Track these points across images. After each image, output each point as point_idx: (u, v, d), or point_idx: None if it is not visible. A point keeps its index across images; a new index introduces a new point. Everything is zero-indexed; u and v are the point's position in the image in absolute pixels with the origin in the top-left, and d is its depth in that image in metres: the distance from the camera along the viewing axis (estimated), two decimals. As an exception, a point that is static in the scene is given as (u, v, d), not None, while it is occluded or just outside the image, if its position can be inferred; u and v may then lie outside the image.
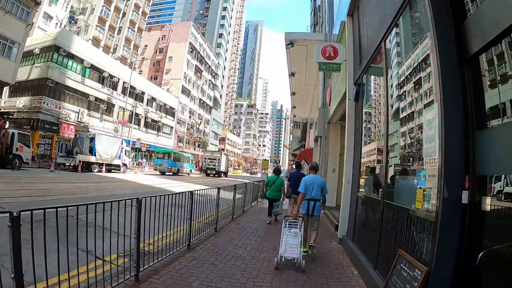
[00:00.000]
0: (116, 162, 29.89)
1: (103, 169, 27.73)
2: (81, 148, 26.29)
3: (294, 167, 12.65)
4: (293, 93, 22.41)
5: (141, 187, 17.92)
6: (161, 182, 22.84)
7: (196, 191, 6.53)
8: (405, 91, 4.46)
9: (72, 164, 25.50)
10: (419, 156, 3.83)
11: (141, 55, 65.87)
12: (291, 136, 57.33)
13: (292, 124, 49.58)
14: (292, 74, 17.84)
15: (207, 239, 7.01)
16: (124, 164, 31.59)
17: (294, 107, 27.17)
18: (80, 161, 25.22)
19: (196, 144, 70.86)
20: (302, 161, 22.68)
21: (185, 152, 51.43)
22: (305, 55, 14.11)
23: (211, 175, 43.55)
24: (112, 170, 30.14)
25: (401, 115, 4.62)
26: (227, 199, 9.58)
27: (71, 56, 35.52)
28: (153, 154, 52.04)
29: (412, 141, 4.20)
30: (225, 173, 49.17)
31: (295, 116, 34.43)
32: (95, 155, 26.90)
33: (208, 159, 45.29)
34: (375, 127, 6.44)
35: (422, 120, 3.76)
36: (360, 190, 6.55)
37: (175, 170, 38.90)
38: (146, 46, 66.73)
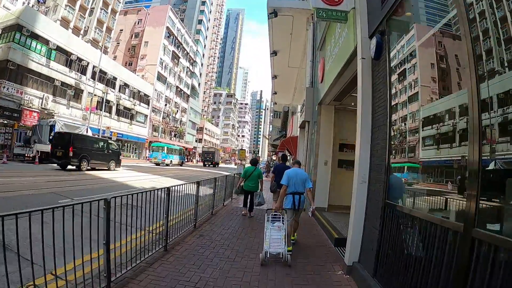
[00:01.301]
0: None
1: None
2: (40, 137, 23.83)
3: (280, 158, 11.12)
4: (274, 77, 20.62)
5: (99, 181, 15.88)
6: (123, 175, 20.80)
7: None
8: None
9: (30, 155, 23.13)
10: None
11: (116, 39, 62.73)
12: (270, 126, 55.86)
13: (272, 114, 48.21)
14: (274, 53, 16.06)
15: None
16: (90, 155, 29.10)
17: (275, 93, 25.39)
18: (38, 151, 22.81)
19: (172, 133, 68.33)
20: (285, 151, 20.80)
21: (172, 144, 55.90)
22: (290, 29, 12.45)
23: (207, 165, 55.78)
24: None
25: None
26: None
27: (35, 37, 32.39)
28: (126, 144, 49.87)
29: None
30: (217, 164, 59.43)
31: (275, 104, 32.85)
32: (54, 145, 24.47)
33: (206, 153, 59.01)
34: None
35: None
36: (391, 197, 4.27)
37: (168, 162, 43.49)
38: (121, 30, 63.28)
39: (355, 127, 5.18)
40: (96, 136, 31.69)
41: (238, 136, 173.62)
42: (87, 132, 28.24)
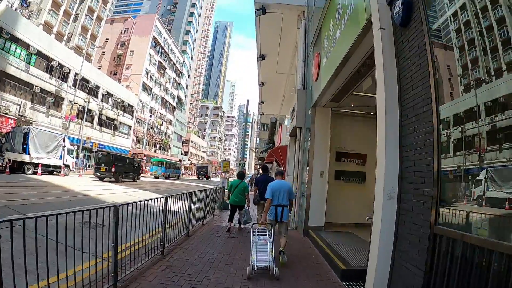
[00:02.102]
0: (56, 162, 25.85)
1: (39, 171, 23.63)
2: (13, 145, 22.18)
3: (260, 171, 10.25)
4: (261, 84, 19.67)
5: (67, 194, 14.42)
6: (99, 188, 19.35)
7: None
8: None
9: (2, 164, 21.45)
10: None
11: (102, 48, 61.34)
12: (257, 139, 54.77)
13: (259, 127, 47.18)
14: (261, 57, 15.12)
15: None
16: (67, 166, 27.51)
17: (262, 102, 24.44)
18: (9, 160, 21.18)
19: (157, 146, 66.62)
20: (272, 163, 19.57)
21: (171, 160, 60.40)
22: (279, 29, 11.53)
23: (201, 178, 63.48)
24: (55, 172, 26.17)
25: None
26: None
27: (15, 40, 30.93)
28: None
29: None
30: (209, 177, 66.65)
31: (262, 114, 31.86)
32: (28, 154, 22.89)
33: (200, 167, 69.37)
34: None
35: None
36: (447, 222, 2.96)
37: (167, 175, 47.38)
38: (107, 39, 61.99)
39: (353, 133, 4.26)
40: (126, 155, 36.83)
41: (225, 149, 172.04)
42: (63, 141, 26.61)
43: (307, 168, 9.39)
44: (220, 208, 14.16)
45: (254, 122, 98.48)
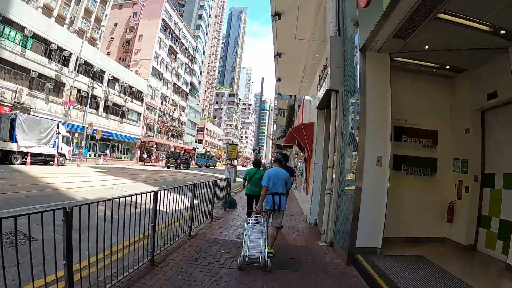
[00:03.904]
0: (49, 151, 23.36)
1: (28, 160, 21.13)
2: (-1, 133, 19.79)
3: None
4: (277, 55, 16.18)
5: (32, 188, 11.63)
6: (86, 179, 16.66)
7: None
8: None
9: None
10: None
11: (110, 34, 58.89)
12: (274, 126, 51.54)
13: (276, 113, 43.98)
14: (277, 15, 11.73)
15: None
16: (62, 154, 25.01)
17: (279, 80, 20.93)
18: (-6, 148, 18.79)
19: (170, 133, 64.11)
20: (292, 148, 15.92)
21: (209, 153, 72.72)
22: None
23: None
24: (50, 162, 23.73)
25: None
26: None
27: (8, 23, 28.62)
28: (117, 144, 45.98)
29: None
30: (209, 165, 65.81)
31: (279, 95, 28.51)
32: (16, 142, 20.42)
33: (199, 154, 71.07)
34: None
35: None
36: None
37: (208, 165, 60.10)
38: (115, 25, 59.48)
39: (418, 99, 1.60)
40: (185, 153, 49.73)
41: (242, 137, 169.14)
42: (57, 128, 24.05)
43: (353, 152, 5.98)
44: (224, 206, 11.02)
45: (271, 110, 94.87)
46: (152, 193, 4.79)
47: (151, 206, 4.73)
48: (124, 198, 4.19)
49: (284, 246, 6.63)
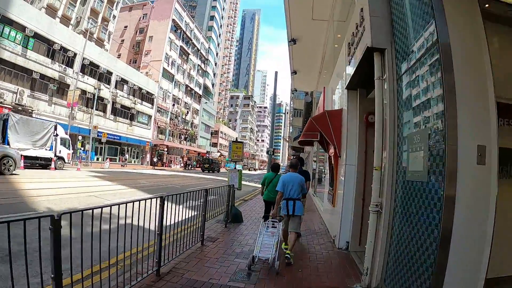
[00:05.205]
0: (46, 154, 21.56)
1: (21, 164, 19.30)
2: (-10, 135, 18.09)
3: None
4: (292, 40, 13.60)
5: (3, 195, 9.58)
6: (77, 185, 14.61)
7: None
8: None
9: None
10: None
11: (120, 37, 57.85)
12: (290, 127, 49.31)
13: (292, 113, 41.82)
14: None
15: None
16: (60, 158, 23.21)
17: (295, 73, 18.34)
18: (-16, 151, 17.00)
19: (183, 136, 62.38)
20: (314, 142, 13.07)
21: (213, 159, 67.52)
22: None
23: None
24: (49, 166, 21.95)
25: None
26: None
27: (8, 22, 27.36)
28: (127, 148, 44.42)
29: None
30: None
31: (295, 91, 26.06)
32: (8, 144, 18.64)
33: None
34: None
35: None
36: None
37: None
38: (126, 27, 58.55)
39: None
40: (215, 159, 60.35)
41: (258, 140, 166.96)
42: (54, 129, 22.28)
43: (431, 142, 3.24)
44: (225, 220, 8.50)
45: (287, 113, 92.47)
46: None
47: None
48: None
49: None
